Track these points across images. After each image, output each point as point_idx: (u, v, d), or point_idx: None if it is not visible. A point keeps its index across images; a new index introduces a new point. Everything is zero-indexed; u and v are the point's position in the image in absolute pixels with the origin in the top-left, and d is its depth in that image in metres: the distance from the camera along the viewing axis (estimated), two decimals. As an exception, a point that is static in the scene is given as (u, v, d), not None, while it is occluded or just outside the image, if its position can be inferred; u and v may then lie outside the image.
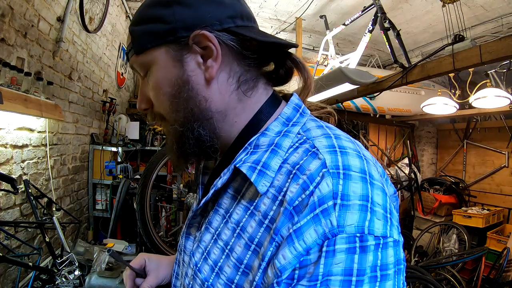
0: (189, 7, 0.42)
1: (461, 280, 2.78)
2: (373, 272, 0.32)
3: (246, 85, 0.45)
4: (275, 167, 0.39)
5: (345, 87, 2.42)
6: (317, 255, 0.32)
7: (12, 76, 1.59)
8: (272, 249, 0.36)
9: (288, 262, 0.33)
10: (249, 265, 0.39)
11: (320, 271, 0.32)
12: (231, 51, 0.44)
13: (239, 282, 0.39)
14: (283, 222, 0.35)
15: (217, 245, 0.43)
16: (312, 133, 0.41)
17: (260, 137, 0.43)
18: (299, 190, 0.35)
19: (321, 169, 0.35)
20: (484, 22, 3.11)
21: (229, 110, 0.45)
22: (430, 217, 3.94)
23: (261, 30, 0.48)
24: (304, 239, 0.33)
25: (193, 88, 0.43)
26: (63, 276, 1.76)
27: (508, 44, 1.50)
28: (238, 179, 0.44)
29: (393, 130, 4.75)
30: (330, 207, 0.33)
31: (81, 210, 2.83)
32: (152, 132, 3.73)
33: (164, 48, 0.43)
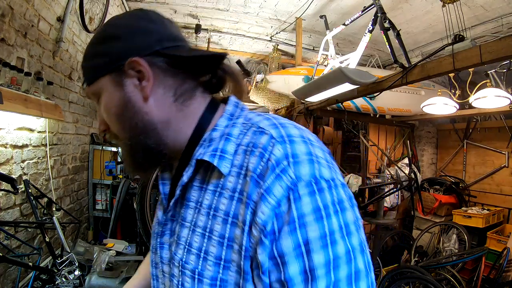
0: (121, 40, 0.51)
1: (461, 280, 2.78)
2: (333, 206, 0.41)
3: (183, 96, 0.53)
4: (231, 151, 0.47)
5: (345, 87, 2.42)
6: (287, 204, 0.40)
7: (12, 76, 1.59)
8: (250, 213, 0.42)
9: (267, 216, 0.40)
10: (231, 237, 0.45)
11: (295, 215, 0.40)
12: (162, 69, 0.51)
13: (226, 257, 0.45)
14: (252, 189, 0.43)
15: (196, 233, 0.48)
16: (254, 119, 0.50)
17: (212, 132, 0.51)
18: (258, 160, 0.44)
19: (270, 140, 0.44)
20: (484, 22, 3.11)
21: (171, 119, 0.52)
22: (430, 217, 3.94)
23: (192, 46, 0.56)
24: (274, 194, 0.41)
25: (134, 106, 0.51)
26: (63, 276, 1.76)
27: (508, 44, 1.50)
28: (201, 171, 0.51)
29: (393, 130, 4.75)
30: (286, 166, 0.42)
31: (81, 210, 2.83)
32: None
33: (108, 76, 0.51)
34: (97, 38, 0.54)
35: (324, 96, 2.83)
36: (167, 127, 0.52)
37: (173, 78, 0.52)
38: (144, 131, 0.52)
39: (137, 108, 0.51)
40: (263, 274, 0.42)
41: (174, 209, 0.54)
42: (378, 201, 2.70)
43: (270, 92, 3.72)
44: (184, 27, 3.98)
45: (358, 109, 3.80)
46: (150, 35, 0.52)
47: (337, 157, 5.14)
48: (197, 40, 4.31)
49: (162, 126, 0.52)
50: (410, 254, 3.61)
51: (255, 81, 4.27)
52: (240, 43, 4.40)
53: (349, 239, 0.41)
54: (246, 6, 3.34)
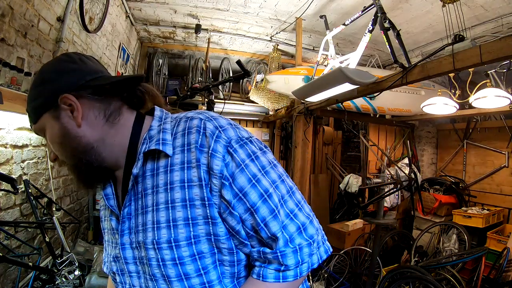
0: (50, 82, 0.62)
1: (461, 280, 2.78)
2: (258, 151, 0.60)
3: (113, 115, 0.64)
4: (170, 138, 0.61)
5: (345, 87, 2.42)
6: (229, 156, 0.57)
7: (12, 76, 1.59)
8: (203, 171, 0.57)
9: (220, 166, 0.56)
10: (191, 197, 0.58)
11: (238, 160, 0.57)
12: (89, 98, 0.63)
13: (192, 215, 0.57)
14: (199, 155, 0.58)
15: (160, 210, 0.59)
16: (180, 116, 0.66)
17: (150, 132, 0.64)
18: (197, 136, 0.59)
19: (201, 121, 0.60)
20: (484, 22, 3.11)
21: (105, 136, 0.64)
22: (430, 217, 3.94)
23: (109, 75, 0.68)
24: (218, 151, 0.57)
25: (70, 133, 0.62)
26: (63, 276, 1.77)
27: (508, 44, 1.50)
28: (149, 162, 0.62)
29: (393, 130, 4.75)
30: (219, 133, 0.58)
31: (81, 210, 2.83)
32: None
33: (47, 113, 0.63)
34: (33, 84, 0.66)
35: (324, 96, 2.83)
36: (103, 143, 0.64)
37: (100, 103, 0.64)
38: (83, 151, 0.63)
39: (73, 134, 0.62)
40: (233, 209, 0.57)
41: (130, 206, 0.63)
42: (378, 201, 2.70)
43: (270, 92, 3.72)
44: (184, 27, 3.98)
45: (358, 109, 3.80)
46: (74, 73, 0.63)
47: (337, 157, 5.14)
48: (197, 40, 4.32)
49: (98, 144, 0.63)
50: (410, 254, 3.61)
51: (255, 81, 4.27)
52: (240, 43, 4.40)
53: (276, 168, 0.62)
54: (246, 6, 3.34)
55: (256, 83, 4.23)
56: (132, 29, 3.93)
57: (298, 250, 0.57)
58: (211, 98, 2.04)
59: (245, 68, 1.84)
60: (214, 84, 2.08)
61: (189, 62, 4.67)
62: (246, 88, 4.93)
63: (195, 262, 0.57)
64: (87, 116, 0.63)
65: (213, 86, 2.06)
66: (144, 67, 4.60)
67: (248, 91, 4.75)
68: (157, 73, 4.53)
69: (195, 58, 4.63)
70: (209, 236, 0.57)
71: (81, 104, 0.62)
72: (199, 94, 2.14)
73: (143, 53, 4.54)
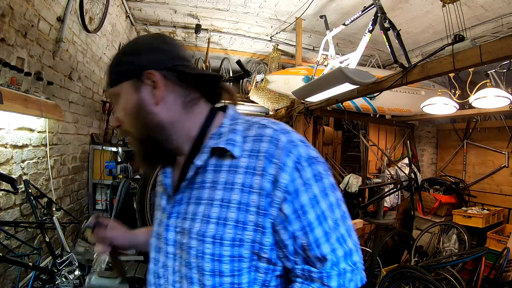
0: (141, 55, 0.65)
1: (461, 280, 2.78)
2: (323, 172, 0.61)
3: (190, 102, 0.66)
4: (240, 140, 0.62)
5: (345, 87, 2.42)
6: (297, 173, 0.58)
7: (12, 76, 1.59)
8: (266, 183, 0.57)
9: (287, 181, 0.57)
10: (248, 203, 0.58)
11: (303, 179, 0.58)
12: (173, 82, 0.64)
13: (244, 219, 0.58)
14: (267, 165, 0.58)
15: (214, 206, 0.60)
16: (252, 120, 0.66)
17: (220, 129, 0.65)
18: (269, 145, 0.59)
19: (274, 132, 0.61)
20: (484, 22, 3.11)
21: (178, 121, 0.65)
22: (430, 217, 3.94)
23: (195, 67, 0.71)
24: (288, 166, 0.57)
25: (145, 108, 0.64)
26: (63, 276, 1.76)
27: (508, 44, 1.50)
28: (214, 158, 0.63)
29: (393, 130, 4.75)
30: (291, 147, 0.59)
31: (81, 210, 2.83)
32: (152, 132, 3.73)
33: (128, 82, 0.64)
34: (123, 50, 0.69)
35: (324, 96, 2.83)
36: (174, 127, 0.65)
37: (181, 88, 0.66)
38: (153, 129, 0.64)
39: (148, 110, 0.64)
40: (288, 225, 0.58)
41: (183, 193, 0.65)
42: (378, 201, 2.70)
43: (270, 92, 3.72)
44: (184, 27, 3.98)
45: (358, 109, 3.80)
46: (164, 54, 0.65)
47: (337, 157, 5.14)
48: (197, 40, 4.32)
49: (169, 126, 0.65)
50: (410, 254, 3.61)
51: (255, 81, 4.27)
52: (240, 43, 4.40)
53: (335, 192, 0.62)
54: (246, 6, 3.34)
55: (256, 83, 4.23)
56: (132, 29, 3.93)
57: (341, 274, 0.59)
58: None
59: (245, 68, 1.84)
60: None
61: (189, 62, 4.67)
62: (246, 88, 4.93)
63: (232, 263, 0.59)
64: (166, 97, 0.64)
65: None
66: (144, 67, 4.60)
67: (248, 91, 4.75)
68: (157, 73, 4.52)
69: (195, 58, 4.63)
70: (254, 243, 0.59)
71: (165, 84, 0.63)
72: (199, 94, 2.14)
73: (143, 53, 4.54)
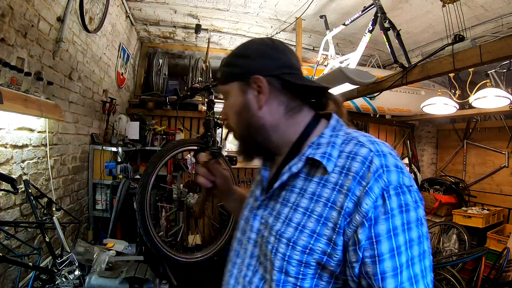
0: (252, 59, 0.70)
1: (461, 280, 2.78)
2: (412, 204, 0.57)
3: (292, 110, 0.70)
4: (335, 155, 0.63)
5: (345, 87, 2.42)
6: (382, 200, 0.56)
7: (12, 76, 1.59)
8: (348, 203, 0.57)
9: (369, 206, 0.55)
10: (328, 217, 0.59)
11: (388, 208, 0.55)
12: (277, 89, 0.69)
13: (320, 231, 0.60)
14: (355, 185, 0.57)
15: (297, 212, 0.63)
16: (353, 134, 0.65)
17: (320, 139, 0.66)
18: (360, 165, 0.58)
19: (369, 152, 0.59)
20: (484, 22, 3.11)
21: (280, 125, 0.70)
22: (430, 217, 3.94)
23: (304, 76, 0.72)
24: (374, 192, 0.56)
25: (250, 109, 0.70)
26: (63, 276, 1.76)
27: (508, 44, 1.50)
28: (307, 166, 0.65)
29: (393, 130, 4.75)
30: (381, 173, 0.57)
31: (81, 210, 2.83)
32: (152, 132, 3.73)
33: (237, 83, 0.71)
34: (235, 52, 0.74)
35: (324, 96, 2.83)
36: (275, 130, 0.70)
37: (285, 96, 0.70)
38: (255, 129, 0.71)
39: (252, 111, 0.70)
40: (359, 249, 0.57)
41: (275, 191, 0.68)
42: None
43: (270, 92, 3.71)
44: (184, 27, 3.98)
45: (358, 109, 3.80)
46: (273, 61, 0.69)
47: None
48: (197, 40, 4.32)
49: (271, 129, 0.70)
50: (410, 254, 3.61)
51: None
52: (240, 43, 4.40)
53: (420, 227, 0.58)
54: (246, 6, 3.34)
55: (256, 83, 4.23)
56: (132, 29, 3.93)
57: None
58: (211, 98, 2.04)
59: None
60: (214, 84, 2.09)
61: (189, 62, 4.67)
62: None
63: (299, 267, 0.62)
64: (270, 102, 0.69)
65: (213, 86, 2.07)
66: (144, 67, 4.60)
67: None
68: (157, 73, 4.52)
69: (195, 58, 4.63)
70: (323, 255, 0.60)
71: (269, 90, 0.68)
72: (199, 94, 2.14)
73: (143, 53, 4.54)
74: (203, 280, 3.68)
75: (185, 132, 4.09)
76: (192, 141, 1.94)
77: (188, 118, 4.59)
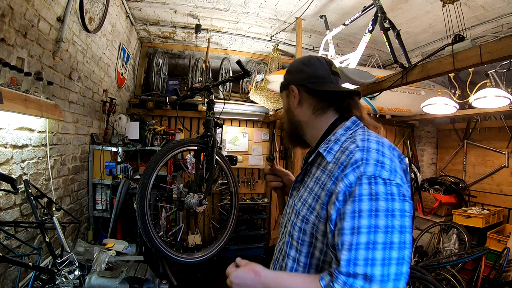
0: (291, 74, 0.99)
1: (461, 280, 2.78)
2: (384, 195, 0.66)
3: (318, 112, 0.92)
4: (336, 149, 0.81)
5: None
6: (354, 186, 0.68)
7: (12, 76, 1.59)
8: (331, 185, 0.74)
9: (342, 189, 0.70)
10: (319, 195, 0.78)
11: (357, 193, 0.67)
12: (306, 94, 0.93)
13: (314, 206, 0.80)
14: (337, 172, 0.74)
15: (306, 191, 0.85)
16: (357, 133, 0.81)
17: (331, 137, 0.86)
18: (345, 157, 0.74)
19: (355, 148, 0.73)
20: (484, 22, 3.11)
21: (309, 122, 0.94)
22: (430, 217, 3.94)
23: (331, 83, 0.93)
24: (348, 179, 0.70)
25: (290, 109, 0.97)
26: (63, 276, 1.76)
27: (508, 44, 1.50)
28: (319, 158, 0.86)
29: (393, 130, 4.75)
30: (360, 164, 0.69)
31: (81, 210, 2.83)
32: (152, 132, 3.73)
33: (284, 91, 0.99)
34: (288, 68, 1.03)
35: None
36: (307, 126, 0.94)
37: (313, 100, 0.92)
38: (294, 123, 0.97)
39: (291, 110, 0.96)
40: (331, 222, 0.72)
41: (302, 176, 0.93)
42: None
43: (270, 92, 3.71)
44: (184, 27, 3.98)
45: (358, 109, 3.80)
46: (302, 74, 0.94)
47: (337, 157, 5.13)
48: (197, 40, 4.32)
49: (303, 125, 0.95)
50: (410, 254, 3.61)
51: (255, 81, 4.27)
52: (240, 43, 4.40)
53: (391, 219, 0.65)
54: (246, 6, 3.34)
55: (256, 83, 4.23)
56: (132, 29, 3.93)
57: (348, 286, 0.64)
58: (211, 98, 2.04)
59: (245, 68, 1.84)
60: (214, 84, 2.08)
61: (189, 62, 4.67)
62: (246, 88, 4.93)
63: (299, 232, 0.82)
64: (302, 105, 0.94)
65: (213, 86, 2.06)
66: (144, 67, 4.60)
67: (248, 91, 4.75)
68: (157, 73, 4.52)
69: (195, 58, 4.63)
70: (314, 226, 0.78)
71: (300, 95, 0.94)
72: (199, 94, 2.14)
73: (143, 53, 4.54)
74: (203, 280, 3.68)
75: (185, 132, 4.09)
76: (192, 141, 1.93)
77: (188, 118, 4.59)
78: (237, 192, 2.24)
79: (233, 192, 2.21)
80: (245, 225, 4.53)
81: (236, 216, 2.20)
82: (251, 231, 4.52)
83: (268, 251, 4.70)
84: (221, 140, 2.67)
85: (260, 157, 5.03)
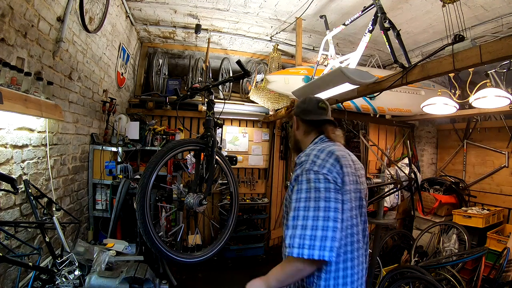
0: (296, 108, 1.49)
1: (461, 280, 2.78)
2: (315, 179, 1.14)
3: (306, 133, 1.42)
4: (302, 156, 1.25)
5: (345, 87, 2.42)
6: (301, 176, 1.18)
7: (12, 76, 1.59)
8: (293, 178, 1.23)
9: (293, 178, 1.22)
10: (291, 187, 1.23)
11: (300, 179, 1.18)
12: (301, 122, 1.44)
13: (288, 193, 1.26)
14: (295, 170, 1.23)
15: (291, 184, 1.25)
16: (317, 146, 1.29)
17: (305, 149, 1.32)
18: (298, 160, 1.25)
19: (304, 154, 1.25)
20: (484, 22, 3.11)
21: (302, 140, 1.44)
22: (430, 217, 3.94)
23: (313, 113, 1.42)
24: (297, 172, 1.21)
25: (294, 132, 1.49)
26: (63, 276, 1.76)
27: (508, 44, 1.50)
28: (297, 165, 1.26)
29: (393, 130, 4.75)
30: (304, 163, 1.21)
31: (81, 210, 2.83)
32: (152, 132, 3.73)
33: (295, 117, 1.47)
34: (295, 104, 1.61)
35: (324, 96, 2.83)
36: (301, 142, 1.43)
37: (304, 125, 1.42)
38: (296, 141, 1.46)
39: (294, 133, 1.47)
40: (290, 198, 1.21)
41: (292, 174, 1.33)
42: (378, 201, 2.70)
43: (270, 92, 3.71)
44: (184, 27, 3.98)
45: (358, 109, 3.80)
46: (299, 109, 1.46)
47: (337, 157, 5.12)
48: (197, 40, 4.32)
49: (300, 141, 1.44)
50: (410, 254, 3.61)
51: (255, 81, 4.27)
52: (240, 43, 4.40)
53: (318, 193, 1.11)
54: (246, 6, 3.34)
55: (256, 83, 4.23)
56: (132, 29, 3.93)
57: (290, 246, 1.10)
58: (211, 98, 2.04)
59: (245, 68, 1.84)
60: (214, 84, 2.08)
61: (189, 62, 4.67)
62: (246, 88, 4.93)
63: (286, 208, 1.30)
64: (298, 128, 1.44)
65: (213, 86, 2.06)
66: (144, 67, 4.60)
67: (248, 91, 4.75)
68: (157, 73, 4.52)
69: (195, 58, 4.63)
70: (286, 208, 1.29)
71: (298, 123, 1.44)
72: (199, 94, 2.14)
73: (143, 53, 4.54)
74: (203, 280, 3.67)
75: (185, 132, 4.09)
76: (192, 141, 1.93)
77: (188, 118, 4.59)
78: (237, 192, 2.24)
79: (233, 192, 2.21)
80: (245, 225, 4.54)
81: (236, 216, 2.21)
82: (251, 231, 4.52)
83: (268, 251, 4.70)
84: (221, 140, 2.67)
85: (260, 157, 5.03)
